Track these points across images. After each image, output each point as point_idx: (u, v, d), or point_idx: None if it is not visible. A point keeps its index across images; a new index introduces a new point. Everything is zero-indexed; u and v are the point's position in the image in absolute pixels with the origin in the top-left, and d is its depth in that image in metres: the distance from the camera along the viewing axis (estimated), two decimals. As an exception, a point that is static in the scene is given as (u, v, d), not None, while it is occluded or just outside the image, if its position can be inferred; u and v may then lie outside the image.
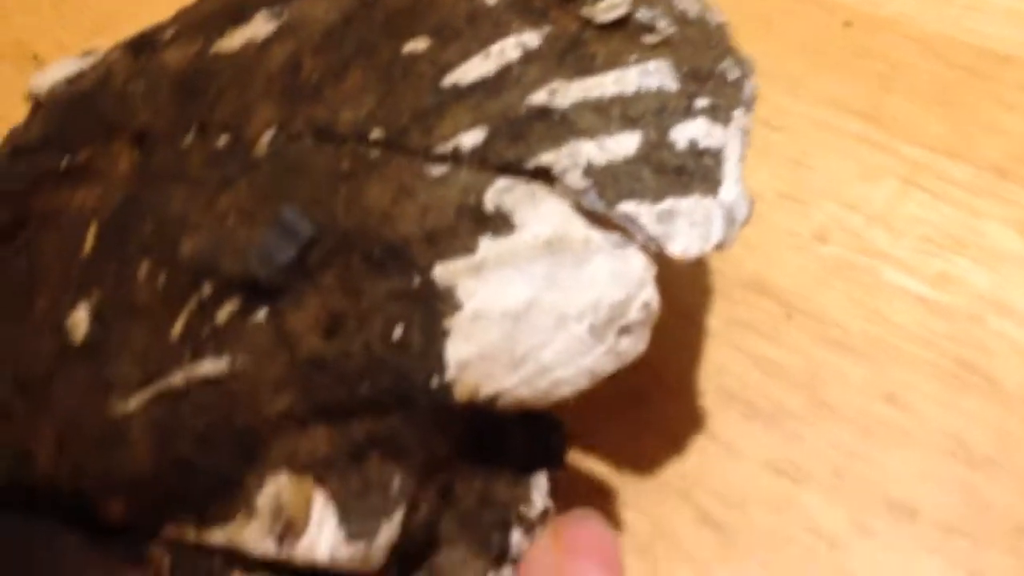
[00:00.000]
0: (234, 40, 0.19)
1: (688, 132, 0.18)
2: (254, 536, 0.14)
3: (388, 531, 0.14)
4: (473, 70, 0.18)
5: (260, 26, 0.19)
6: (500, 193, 0.16)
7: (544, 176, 0.16)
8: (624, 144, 0.17)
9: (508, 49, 0.18)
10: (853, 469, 0.20)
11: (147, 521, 0.15)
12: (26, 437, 0.16)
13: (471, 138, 0.17)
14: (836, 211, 0.23)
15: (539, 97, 0.17)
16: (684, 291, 0.23)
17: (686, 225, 0.17)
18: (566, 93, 0.18)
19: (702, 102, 0.18)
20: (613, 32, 0.18)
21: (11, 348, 0.16)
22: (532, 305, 0.15)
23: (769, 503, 0.19)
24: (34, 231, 0.17)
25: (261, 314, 0.15)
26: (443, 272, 0.15)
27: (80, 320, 0.16)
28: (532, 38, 0.18)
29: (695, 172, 0.17)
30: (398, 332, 0.15)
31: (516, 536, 0.15)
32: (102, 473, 0.15)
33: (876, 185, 0.24)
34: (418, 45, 0.18)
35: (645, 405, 0.21)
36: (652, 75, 0.18)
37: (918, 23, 0.27)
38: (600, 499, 0.19)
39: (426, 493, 0.15)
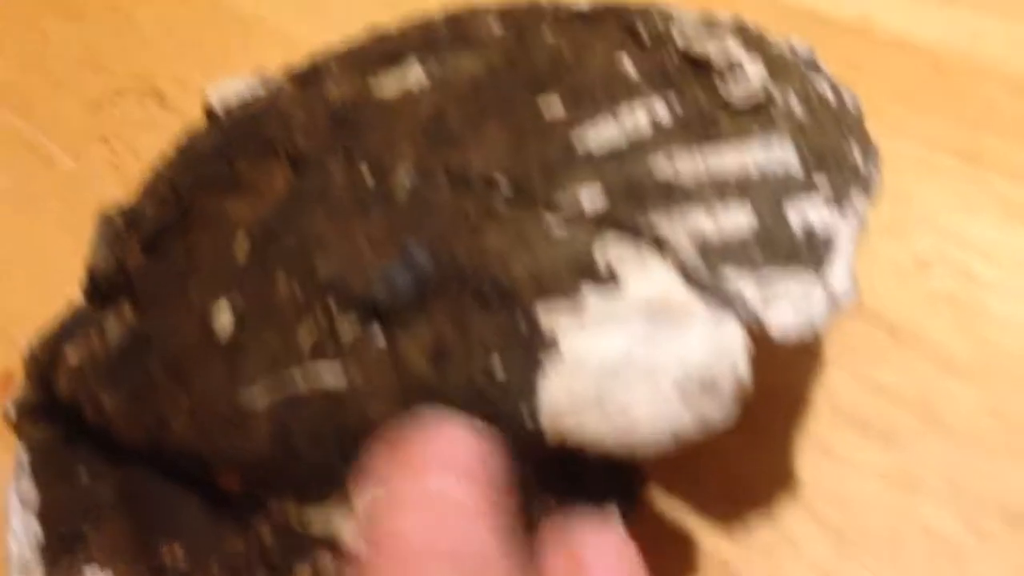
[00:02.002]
0: (389, 82, 0.21)
1: (804, 215, 0.18)
2: (351, 530, 0.16)
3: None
4: (603, 135, 0.18)
5: (412, 74, 0.21)
6: (611, 253, 0.17)
7: (656, 242, 0.17)
8: (739, 223, 0.18)
9: (640, 120, 0.19)
10: (967, 480, 0.20)
11: (256, 493, 0.17)
12: (166, 407, 0.18)
13: (592, 199, 0.18)
14: (938, 243, 0.24)
15: (664, 172, 0.18)
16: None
17: (789, 308, 0.17)
18: (689, 169, 0.18)
19: (822, 185, 0.19)
20: (745, 113, 0.19)
21: (163, 329, 0.19)
22: (627, 362, 0.16)
23: (886, 509, 0.20)
24: (195, 228, 0.20)
25: (377, 333, 0.17)
26: (547, 318, 0.16)
27: (224, 314, 0.18)
28: (663, 110, 0.19)
29: (805, 256, 0.17)
30: (498, 370, 0.16)
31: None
32: (226, 449, 0.17)
33: (976, 217, 0.24)
34: (553, 104, 0.19)
35: (761, 424, 0.21)
36: (776, 156, 0.19)
37: (1009, 65, 0.27)
38: (722, 503, 0.21)
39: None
